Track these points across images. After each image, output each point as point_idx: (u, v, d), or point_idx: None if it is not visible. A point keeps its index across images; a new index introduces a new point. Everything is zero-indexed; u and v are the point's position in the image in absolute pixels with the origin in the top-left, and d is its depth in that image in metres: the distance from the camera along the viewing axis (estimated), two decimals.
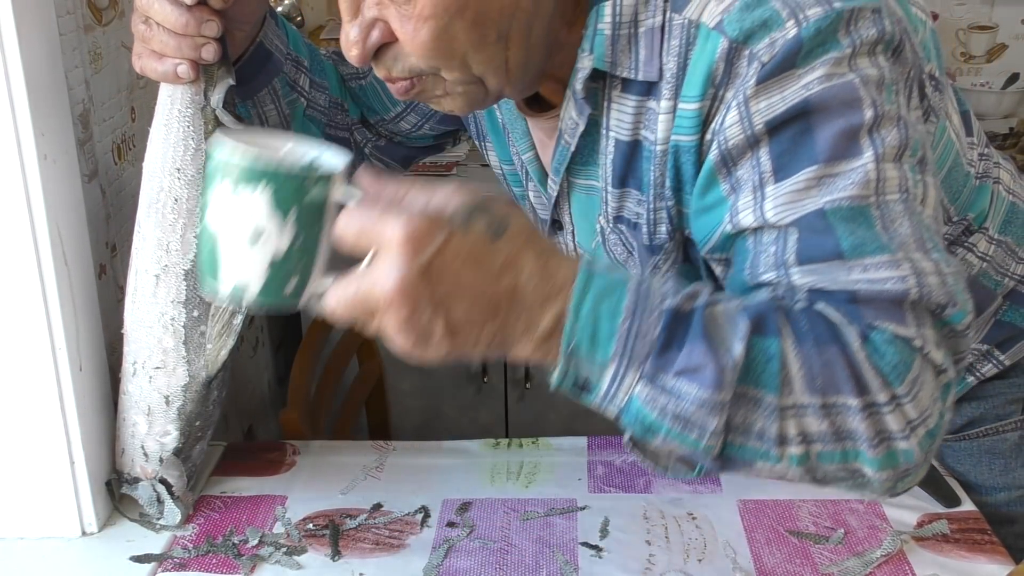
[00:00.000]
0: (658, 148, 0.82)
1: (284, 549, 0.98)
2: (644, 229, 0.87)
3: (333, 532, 1.01)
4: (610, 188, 0.88)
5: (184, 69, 0.88)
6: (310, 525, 1.02)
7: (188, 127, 0.91)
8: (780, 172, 0.74)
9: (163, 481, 1.01)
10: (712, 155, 0.77)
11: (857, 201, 0.72)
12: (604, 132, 0.85)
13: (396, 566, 0.96)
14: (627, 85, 0.82)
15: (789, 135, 0.74)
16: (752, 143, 0.75)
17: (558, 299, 0.67)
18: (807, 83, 0.73)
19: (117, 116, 1.18)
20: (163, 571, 0.96)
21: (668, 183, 0.83)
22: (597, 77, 0.83)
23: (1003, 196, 0.99)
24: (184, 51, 0.87)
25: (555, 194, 0.93)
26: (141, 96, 1.26)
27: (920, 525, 1.00)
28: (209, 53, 0.87)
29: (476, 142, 1.08)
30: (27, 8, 0.88)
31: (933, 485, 1.05)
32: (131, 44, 1.22)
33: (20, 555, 0.99)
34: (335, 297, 0.67)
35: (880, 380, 0.69)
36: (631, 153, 0.85)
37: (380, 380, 2.08)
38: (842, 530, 1.00)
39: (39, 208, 0.91)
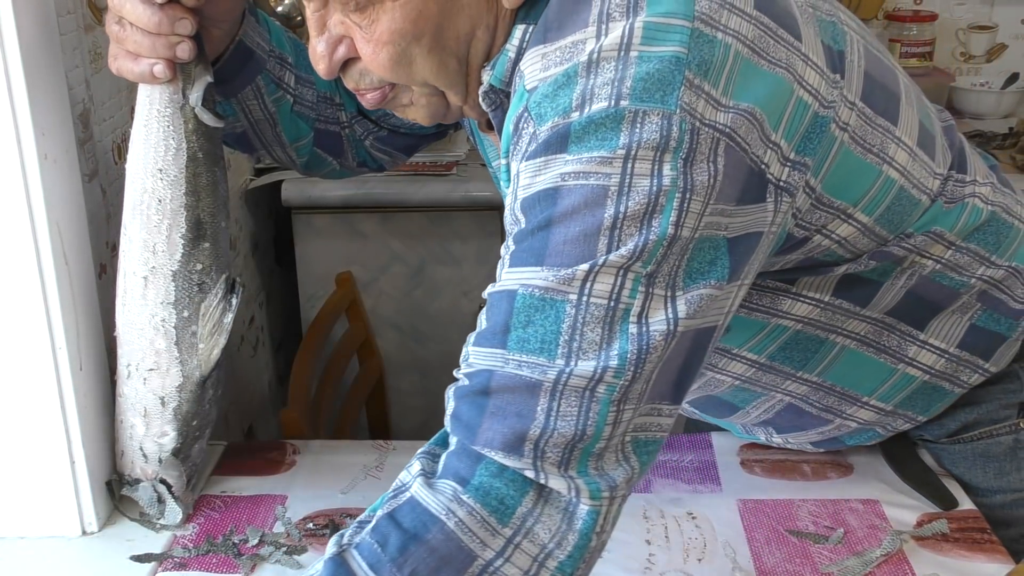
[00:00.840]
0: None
1: (284, 549, 0.98)
2: None
3: (333, 532, 1.01)
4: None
5: (160, 69, 0.87)
6: (310, 524, 1.02)
7: (168, 127, 0.91)
8: (515, 257, 0.74)
9: (163, 481, 1.01)
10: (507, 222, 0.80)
11: (551, 293, 0.72)
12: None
13: None
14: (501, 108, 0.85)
15: (533, 222, 0.73)
16: (514, 218, 0.77)
17: None
18: (564, 173, 0.72)
19: (117, 116, 1.18)
20: (163, 571, 0.96)
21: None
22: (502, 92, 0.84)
23: (979, 207, 0.95)
24: (159, 50, 0.86)
25: None
26: None
27: (920, 525, 1.00)
28: (184, 51, 0.87)
29: (470, 139, 1.09)
30: (27, 8, 0.88)
31: (929, 488, 1.05)
32: None
33: (20, 555, 0.99)
34: None
35: (485, 532, 0.71)
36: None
37: (380, 380, 2.08)
38: (842, 530, 1.00)
39: (39, 208, 0.91)
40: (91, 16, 1.11)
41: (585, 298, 0.72)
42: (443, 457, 0.75)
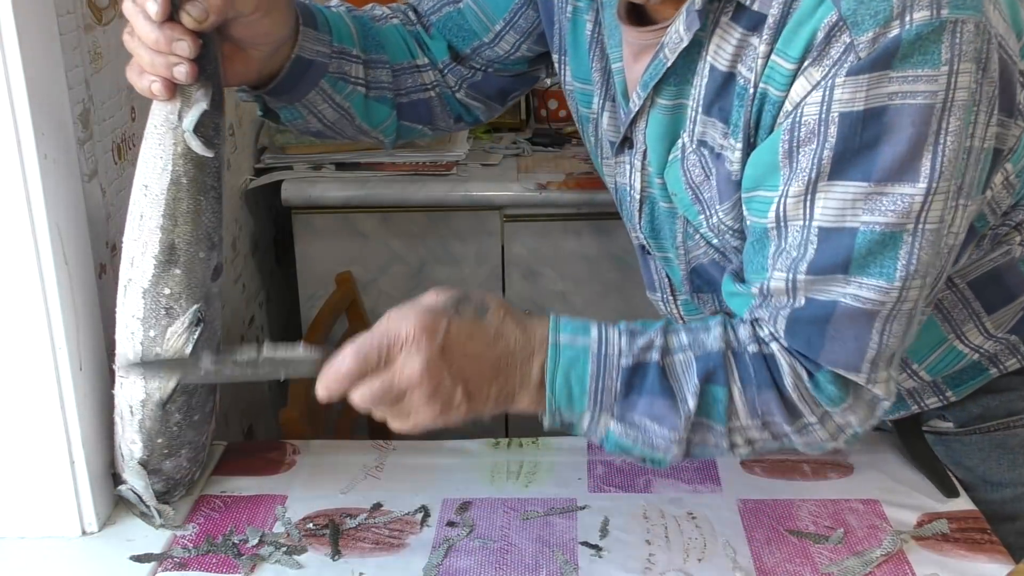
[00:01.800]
0: (752, 89, 0.84)
1: (284, 549, 0.98)
2: (735, 166, 0.88)
3: (333, 532, 1.01)
4: (699, 111, 0.89)
5: (158, 87, 0.87)
6: (310, 524, 1.02)
7: (158, 145, 0.89)
8: (835, 174, 0.78)
9: (132, 488, 1.01)
10: (786, 124, 0.81)
11: (892, 228, 0.78)
12: (703, 54, 0.87)
13: (396, 566, 0.96)
14: (737, 14, 0.84)
15: (856, 137, 0.77)
16: (822, 129, 0.78)
17: (539, 353, 0.85)
18: (892, 92, 0.75)
19: (117, 116, 1.18)
20: (163, 571, 0.96)
21: (754, 124, 0.85)
22: None
23: None
24: (157, 68, 0.86)
25: (636, 109, 0.94)
26: (141, 96, 1.25)
27: (920, 525, 1.00)
28: (181, 73, 0.85)
29: (554, 56, 1.08)
30: (27, 8, 0.88)
31: (935, 475, 1.06)
32: None
33: (20, 555, 0.99)
34: (359, 394, 0.83)
35: (811, 407, 0.85)
36: (723, 84, 0.86)
37: None
38: (842, 530, 1.00)
39: (39, 208, 0.91)
40: (91, 16, 1.11)
41: (921, 226, 0.78)
42: (787, 344, 0.85)
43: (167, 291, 0.92)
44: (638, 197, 1.00)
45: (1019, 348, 1.03)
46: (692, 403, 0.84)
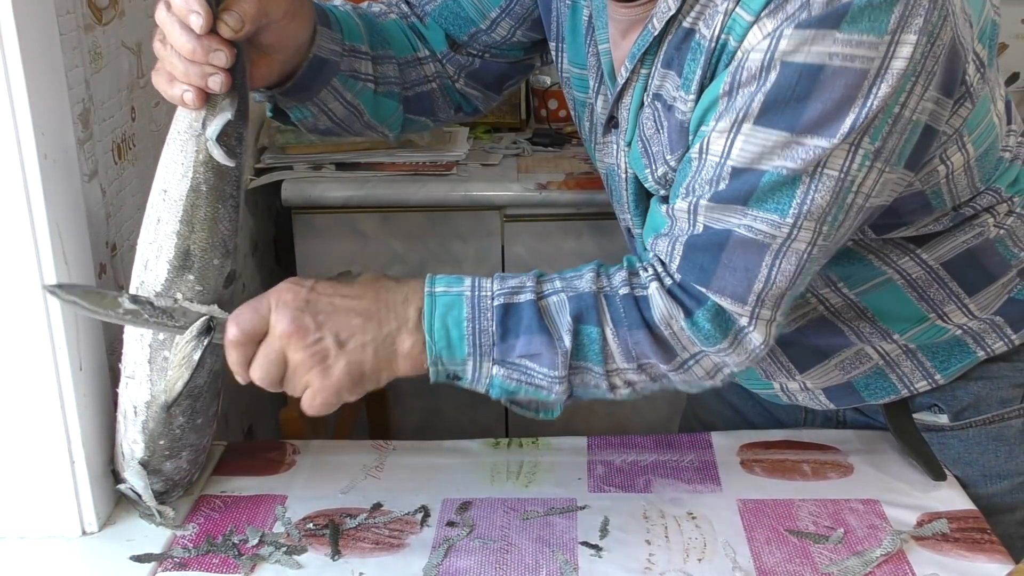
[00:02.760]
0: (709, 44, 0.86)
1: (284, 549, 0.98)
2: (683, 116, 0.91)
3: (333, 532, 1.01)
4: (659, 65, 0.93)
5: (190, 96, 0.86)
6: (310, 524, 1.02)
7: (180, 151, 0.89)
8: (762, 118, 0.82)
9: (132, 488, 1.01)
10: (732, 66, 0.84)
11: (796, 172, 0.82)
12: (678, 17, 0.90)
13: (396, 566, 0.96)
14: None
15: (790, 88, 0.80)
16: (762, 75, 0.81)
17: (414, 300, 0.88)
18: (833, 52, 0.78)
19: (117, 115, 1.18)
20: (163, 571, 0.96)
21: (709, 76, 0.88)
22: None
23: None
24: (192, 78, 0.85)
25: (622, 83, 0.96)
26: (141, 96, 1.26)
27: (920, 524, 1.00)
28: (216, 84, 0.85)
29: (551, 44, 1.10)
30: (27, 8, 0.88)
31: (923, 458, 1.07)
32: (131, 43, 1.22)
33: (20, 555, 0.99)
34: (252, 369, 0.87)
35: (684, 344, 0.88)
36: (683, 40, 0.89)
37: None
38: (842, 530, 1.00)
39: (39, 207, 0.91)
40: (91, 16, 1.11)
41: (820, 169, 0.82)
42: (671, 280, 0.88)
43: (179, 296, 0.92)
44: (624, 176, 1.02)
45: (1004, 329, 1.04)
46: (568, 340, 0.87)
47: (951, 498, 1.05)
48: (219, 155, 0.89)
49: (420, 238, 2.05)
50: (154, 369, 0.95)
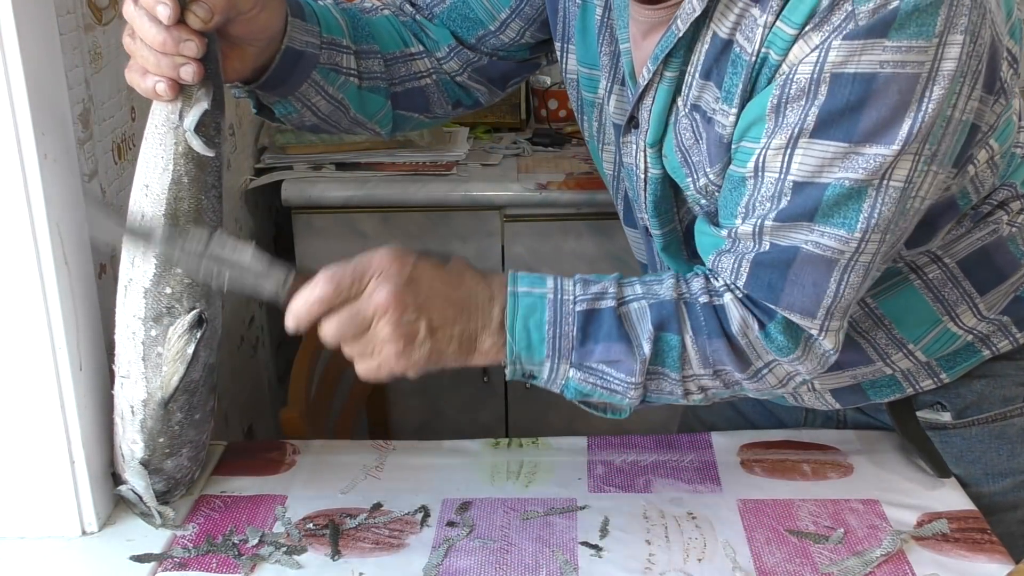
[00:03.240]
0: (751, 59, 0.86)
1: (284, 549, 0.98)
2: (724, 130, 0.91)
3: (333, 532, 1.01)
4: (696, 76, 0.92)
5: (162, 87, 0.86)
6: (310, 525, 1.02)
7: (159, 145, 0.90)
8: (819, 132, 0.82)
9: (133, 488, 1.01)
10: (779, 80, 0.84)
11: (861, 184, 0.82)
12: (708, 23, 0.90)
13: (396, 566, 0.96)
14: None
15: (844, 99, 0.80)
16: (812, 88, 0.81)
17: (499, 298, 0.88)
18: (884, 60, 0.79)
19: (117, 115, 1.18)
20: (163, 571, 0.96)
21: (751, 90, 0.88)
22: None
23: None
24: (163, 69, 0.86)
25: (644, 83, 0.96)
26: (141, 96, 1.26)
27: (920, 524, 1.00)
28: (188, 74, 0.85)
29: (556, 44, 1.10)
30: (27, 8, 0.88)
31: (927, 455, 1.08)
32: None
33: (20, 555, 0.99)
34: (329, 323, 0.87)
35: (760, 354, 0.89)
36: (722, 51, 0.89)
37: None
38: (842, 530, 1.00)
39: (39, 207, 0.91)
40: (91, 16, 1.11)
41: (886, 182, 0.82)
42: (743, 294, 0.88)
43: (168, 290, 0.92)
44: (643, 176, 1.02)
45: (1010, 329, 1.05)
46: (648, 348, 0.87)
47: (951, 498, 1.05)
48: (198, 145, 0.89)
49: (420, 238, 2.05)
50: (148, 366, 0.95)
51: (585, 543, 0.99)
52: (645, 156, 1.00)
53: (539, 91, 2.27)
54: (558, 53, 1.10)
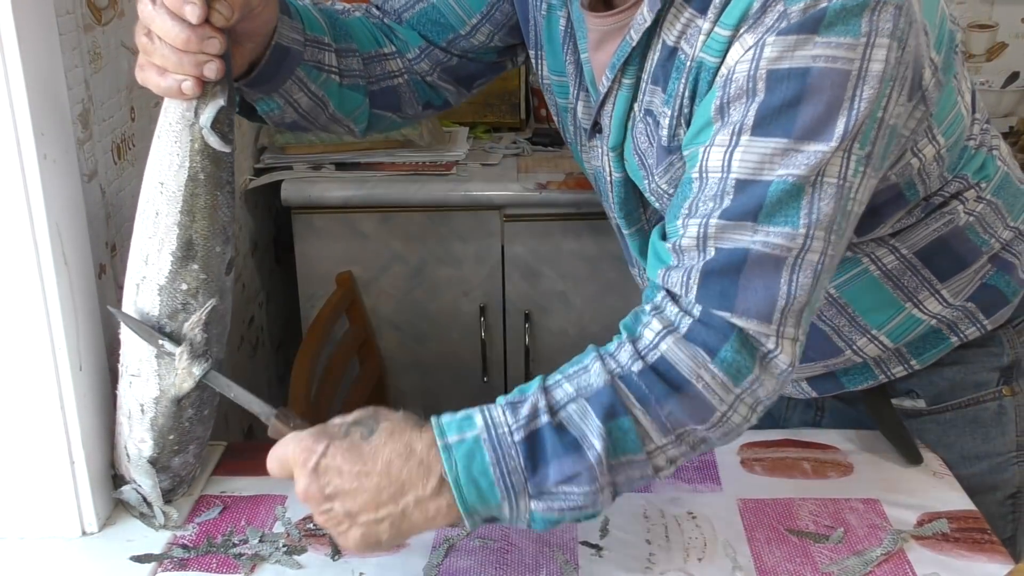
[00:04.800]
0: (689, 63, 0.89)
1: (284, 549, 0.98)
2: (664, 132, 0.94)
3: None
4: (648, 82, 0.94)
5: (188, 86, 0.87)
6: (310, 524, 1.02)
7: (175, 142, 0.90)
8: (758, 128, 0.83)
9: (138, 488, 1.01)
10: (718, 84, 0.85)
11: (800, 180, 0.82)
12: (658, 31, 0.92)
13: (396, 565, 0.96)
14: None
15: (780, 95, 0.81)
16: (750, 85, 0.82)
17: (434, 462, 0.83)
18: (816, 55, 0.81)
19: (117, 116, 1.18)
20: (163, 571, 0.96)
21: (688, 93, 0.90)
22: None
23: (998, 165, 1.06)
24: (186, 67, 0.86)
25: (604, 91, 0.98)
26: (141, 96, 1.26)
27: (920, 524, 1.00)
28: (212, 71, 0.86)
29: (531, 52, 1.12)
30: (26, 8, 0.88)
31: (900, 442, 1.10)
32: (131, 44, 1.22)
33: (20, 555, 0.99)
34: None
35: (719, 393, 0.83)
36: (667, 58, 0.92)
37: (380, 380, 2.08)
38: (842, 529, 1.00)
39: (39, 208, 0.91)
40: (90, 16, 1.11)
41: (820, 178, 0.82)
42: (686, 322, 0.84)
43: (184, 287, 0.93)
44: (609, 179, 1.04)
45: (977, 316, 1.06)
46: (599, 445, 0.81)
47: (951, 498, 1.05)
48: (215, 142, 0.90)
49: (420, 238, 2.06)
50: (162, 364, 0.95)
51: (585, 543, 0.99)
52: (608, 160, 1.02)
53: (539, 91, 2.27)
54: (532, 61, 1.12)
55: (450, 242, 2.05)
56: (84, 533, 1.01)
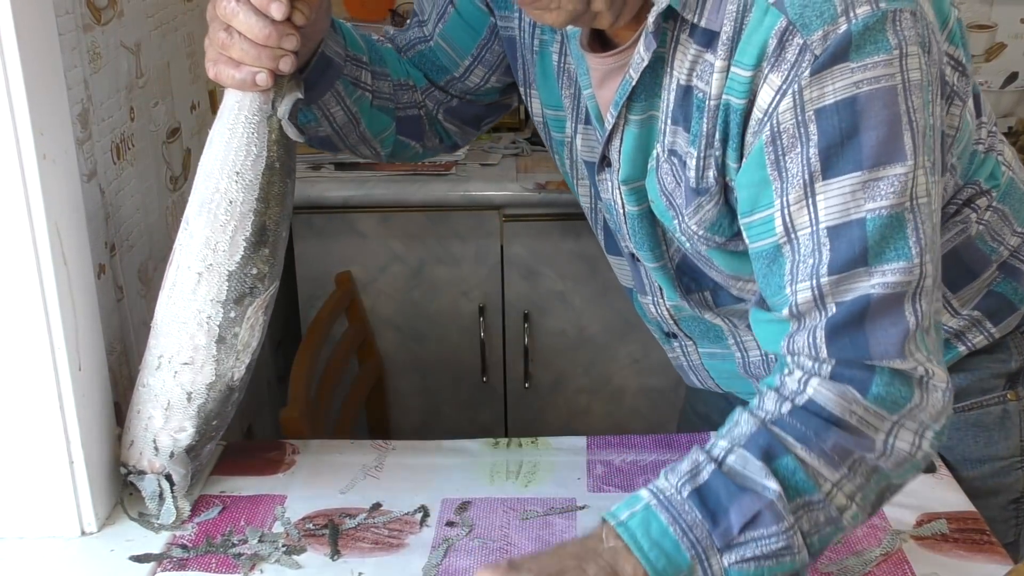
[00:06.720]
0: (711, 103, 0.87)
1: (283, 548, 0.98)
2: (692, 173, 0.92)
3: (332, 531, 1.01)
4: (668, 122, 0.93)
5: (263, 77, 0.91)
6: (309, 524, 1.02)
7: (253, 134, 0.95)
8: (828, 170, 0.80)
9: (168, 477, 1.01)
10: (764, 135, 0.83)
11: (896, 209, 0.80)
12: (668, 69, 0.91)
13: (395, 565, 0.96)
14: (692, 31, 0.87)
15: (836, 131, 0.79)
16: (802, 131, 0.80)
17: (617, 545, 0.79)
18: (857, 80, 0.79)
19: (116, 116, 1.18)
20: (162, 571, 0.96)
21: (718, 135, 0.88)
22: (669, 17, 0.88)
23: (1003, 170, 1.05)
24: (263, 61, 0.91)
25: (610, 128, 0.97)
26: (140, 96, 1.26)
27: (919, 524, 1.00)
28: (287, 65, 0.91)
29: (521, 90, 1.12)
30: (26, 8, 0.88)
31: None
32: (130, 43, 1.22)
33: (20, 555, 0.99)
34: None
35: (877, 422, 0.81)
36: (684, 96, 0.90)
37: (380, 380, 2.08)
38: None
39: (38, 208, 0.91)
40: (90, 16, 1.11)
41: (915, 201, 0.80)
42: (827, 368, 0.83)
43: (254, 271, 0.97)
44: (622, 211, 1.03)
45: (983, 323, 1.05)
46: (773, 484, 0.79)
47: (950, 498, 1.05)
48: (293, 132, 0.96)
49: (419, 238, 2.06)
50: (222, 348, 0.98)
51: None
52: (620, 194, 1.01)
53: None
54: (524, 98, 1.12)
55: (449, 242, 2.05)
56: (83, 533, 1.01)
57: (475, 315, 2.10)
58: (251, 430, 1.94)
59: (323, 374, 1.80)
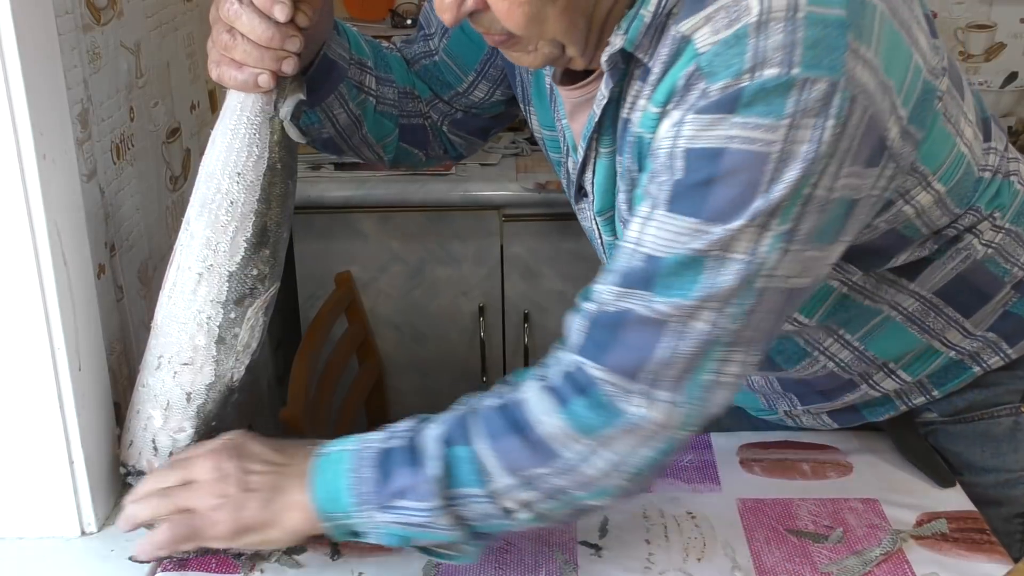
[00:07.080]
0: (632, 138, 0.89)
1: (283, 548, 0.98)
2: (624, 206, 0.95)
3: None
4: (618, 154, 0.94)
5: (265, 79, 0.91)
6: None
7: (255, 135, 0.94)
8: (673, 204, 0.80)
9: None
10: (650, 159, 0.84)
11: (699, 253, 0.79)
12: (622, 105, 0.91)
13: (395, 565, 0.96)
14: (645, 72, 0.87)
15: (694, 176, 0.79)
16: (671, 163, 0.80)
17: (308, 460, 0.90)
18: (731, 136, 0.77)
19: (116, 115, 1.18)
20: (162, 571, 0.96)
21: (636, 168, 0.90)
22: (626, 56, 0.87)
23: (1016, 190, 1.01)
24: (266, 62, 0.91)
25: (580, 160, 0.98)
26: (140, 96, 1.26)
27: (919, 524, 1.01)
28: (289, 66, 0.91)
29: (521, 106, 1.12)
30: (26, 7, 0.88)
31: (930, 465, 1.08)
32: (129, 44, 1.22)
33: (20, 555, 0.99)
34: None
35: (562, 440, 0.83)
36: (623, 131, 0.91)
37: (380, 380, 2.08)
38: (841, 529, 1.00)
39: (38, 208, 0.91)
40: (90, 16, 1.11)
41: (725, 253, 0.79)
42: (557, 372, 0.85)
43: (255, 272, 0.96)
44: (600, 241, 1.04)
45: (1000, 345, 1.04)
46: (433, 466, 0.84)
47: (950, 498, 1.05)
48: (295, 134, 0.96)
49: (419, 238, 2.06)
50: (221, 349, 0.97)
51: (584, 542, 0.99)
52: (597, 224, 1.02)
53: None
54: (525, 115, 1.12)
55: (449, 242, 2.05)
56: (83, 533, 1.01)
57: (475, 315, 2.10)
58: (251, 430, 1.94)
59: (323, 374, 1.80)
